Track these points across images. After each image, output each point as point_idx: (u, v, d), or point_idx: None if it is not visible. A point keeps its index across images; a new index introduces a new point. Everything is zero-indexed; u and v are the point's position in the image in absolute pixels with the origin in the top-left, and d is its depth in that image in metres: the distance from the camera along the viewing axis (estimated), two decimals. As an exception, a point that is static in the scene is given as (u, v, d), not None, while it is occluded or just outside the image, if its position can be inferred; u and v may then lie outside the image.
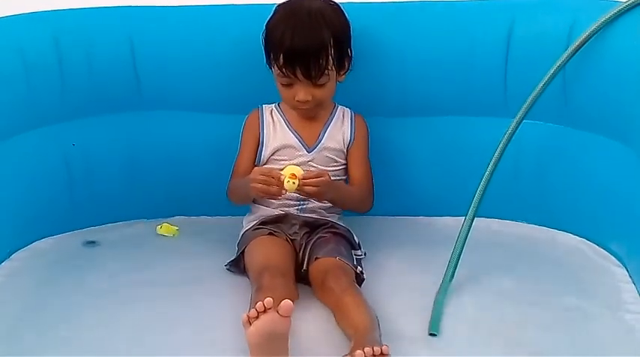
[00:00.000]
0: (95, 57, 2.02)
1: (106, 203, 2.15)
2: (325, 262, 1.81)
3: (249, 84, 2.00)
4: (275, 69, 1.86)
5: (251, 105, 2.01)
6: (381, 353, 1.47)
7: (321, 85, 1.86)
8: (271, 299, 1.50)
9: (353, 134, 1.97)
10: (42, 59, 1.96)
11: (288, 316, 1.51)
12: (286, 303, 1.50)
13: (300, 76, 1.82)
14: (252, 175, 1.81)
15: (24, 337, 1.67)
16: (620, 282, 1.86)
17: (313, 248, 1.86)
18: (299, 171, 1.77)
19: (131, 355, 1.60)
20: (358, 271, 1.82)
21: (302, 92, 1.86)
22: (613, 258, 1.95)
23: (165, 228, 2.12)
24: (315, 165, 1.93)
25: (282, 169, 1.80)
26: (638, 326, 1.69)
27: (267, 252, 1.85)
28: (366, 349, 1.46)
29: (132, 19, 2.03)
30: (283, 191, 1.77)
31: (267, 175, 1.77)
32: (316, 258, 1.83)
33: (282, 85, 1.88)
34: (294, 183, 1.75)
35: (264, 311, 1.49)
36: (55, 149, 2.06)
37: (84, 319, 1.73)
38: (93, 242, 2.09)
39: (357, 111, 2.01)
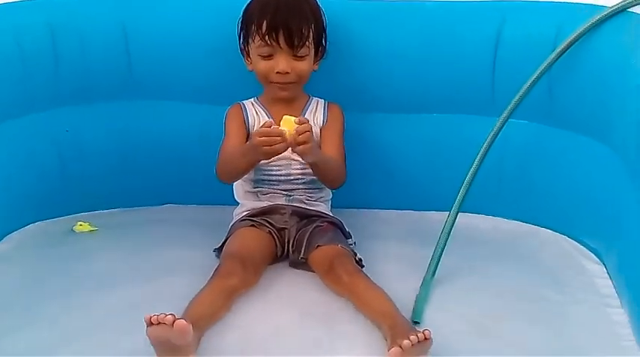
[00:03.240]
0: (89, 45, 2.03)
1: (96, 190, 2.16)
2: (328, 249, 1.85)
3: (241, 75, 2.00)
4: (257, 41, 1.88)
5: (242, 97, 2.02)
6: (425, 338, 1.52)
7: (301, 59, 1.88)
8: (171, 317, 1.49)
9: (326, 117, 1.99)
10: (37, 46, 1.97)
11: (184, 334, 1.50)
12: (180, 323, 1.49)
13: (282, 42, 1.85)
14: (254, 141, 1.76)
15: (14, 316, 1.70)
16: (598, 277, 1.90)
17: (312, 237, 1.90)
18: (293, 124, 1.74)
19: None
20: (357, 258, 1.87)
21: (283, 62, 1.87)
22: (592, 254, 1.99)
23: (84, 227, 2.10)
24: (296, 158, 1.94)
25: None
26: (614, 319, 1.74)
27: (240, 242, 1.88)
28: (412, 337, 1.50)
29: (125, 8, 2.04)
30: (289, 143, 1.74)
31: (269, 135, 1.74)
32: (318, 246, 1.87)
33: (262, 57, 1.89)
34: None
35: (158, 324, 1.50)
36: (48, 135, 2.08)
37: (70, 302, 1.76)
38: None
39: (345, 108, 2.03)
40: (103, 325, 1.67)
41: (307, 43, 1.88)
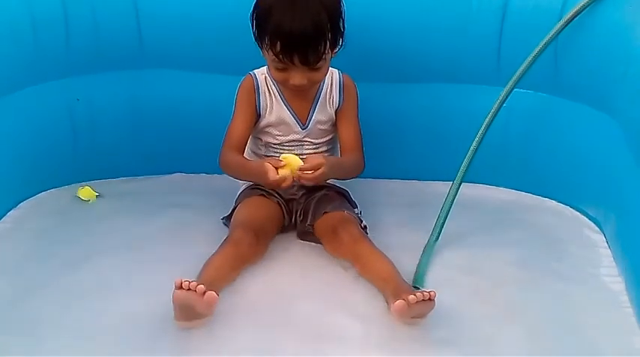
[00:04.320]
0: (100, 14, 2.04)
1: (107, 158, 2.19)
2: (334, 215, 1.88)
3: (250, 46, 1.94)
4: (270, 54, 1.78)
5: (251, 67, 2.00)
6: (430, 298, 1.58)
7: (317, 69, 1.81)
8: (202, 287, 1.55)
9: (342, 97, 1.95)
10: (48, 15, 1.98)
11: (211, 306, 1.57)
12: (210, 295, 1.55)
13: (297, 63, 1.76)
14: (267, 177, 1.75)
15: (25, 282, 1.74)
16: (597, 247, 1.93)
17: (319, 204, 1.92)
18: (297, 163, 1.75)
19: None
20: (363, 225, 1.89)
21: (297, 77, 1.80)
22: (592, 224, 2.02)
23: (86, 191, 2.13)
24: (310, 140, 1.95)
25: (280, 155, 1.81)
26: (611, 286, 1.78)
27: (251, 210, 1.91)
28: (418, 294, 1.56)
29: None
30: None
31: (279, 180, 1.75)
32: (324, 213, 1.89)
33: (277, 69, 1.81)
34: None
35: (189, 290, 1.55)
36: (60, 103, 2.10)
37: (79, 268, 1.80)
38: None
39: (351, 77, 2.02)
40: (108, 289, 1.72)
41: (324, 56, 1.78)
